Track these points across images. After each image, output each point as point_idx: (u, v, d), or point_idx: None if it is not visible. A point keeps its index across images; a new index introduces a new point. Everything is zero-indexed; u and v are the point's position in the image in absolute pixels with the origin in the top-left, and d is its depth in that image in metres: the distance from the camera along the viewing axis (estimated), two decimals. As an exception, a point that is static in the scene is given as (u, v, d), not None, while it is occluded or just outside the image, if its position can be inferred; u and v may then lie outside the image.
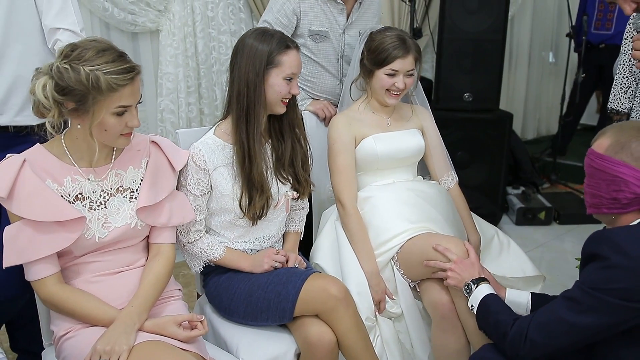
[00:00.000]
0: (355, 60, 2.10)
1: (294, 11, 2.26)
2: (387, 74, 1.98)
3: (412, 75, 2.01)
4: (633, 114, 2.18)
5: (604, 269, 1.23)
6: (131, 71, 1.38)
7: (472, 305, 1.59)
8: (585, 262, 1.30)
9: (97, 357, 1.34)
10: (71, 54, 1.36)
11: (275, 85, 1.70)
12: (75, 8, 1.93)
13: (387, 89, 2.00)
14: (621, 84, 2.20)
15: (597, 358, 1.34)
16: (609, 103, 2.24)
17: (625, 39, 2.18)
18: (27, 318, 1.96)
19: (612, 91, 2.21)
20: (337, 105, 2.28)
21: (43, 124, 1.40)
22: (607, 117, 2.30)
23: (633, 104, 2.18)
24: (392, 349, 1.87)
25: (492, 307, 1.49)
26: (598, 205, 1.35)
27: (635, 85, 2.18)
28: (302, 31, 2.30)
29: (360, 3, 2.34)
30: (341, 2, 2.29)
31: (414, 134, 2.11)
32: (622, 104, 2.22)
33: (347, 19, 2.33)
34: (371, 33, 2.05)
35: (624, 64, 2.18)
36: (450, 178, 2.19)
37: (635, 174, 1.27)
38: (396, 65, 1.96)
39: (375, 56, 1.99)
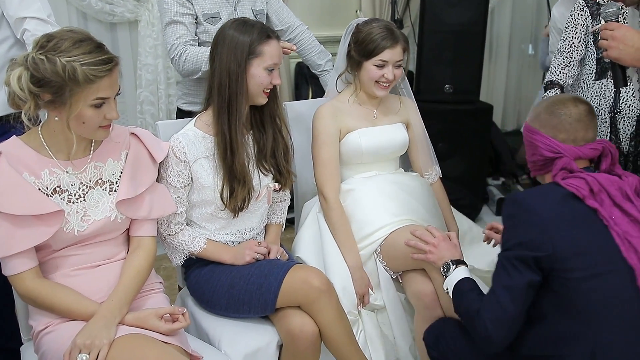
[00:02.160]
0: (341, 53, 2.09)
1: None
2: (376, 65, 1.96)
3: (400, 66, 2.00)
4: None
5: (509, 228, 1.38)
6: (109, 62, 1.36)
7: (447, 288, 1.59)
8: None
9: (77, 352, 1.32)
10: (47, 44, 1.33)
11: (257, 76, 1.69)
12: None
13: (376, 81, 1.99)
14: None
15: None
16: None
17: (567, 27, 2.28)
18: (4, 314, 1.93)
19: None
20: None
21: (18, 115, 1.37)
22: None
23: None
24: (375, 342, 1.88)
25: (464, 295, 1.51)
26: (531, 169, 1.54)
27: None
28: (199, 18, 2.19)
29: None
30: None
31: (399, 129, 2.11)
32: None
33: None
34: (357, 25, 2.03)
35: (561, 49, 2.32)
36: (434, 173, 2.20)
37: (542, 139, 1.45)
38: (385, 55, 1.95)
39: (363, 47, 1.96)
